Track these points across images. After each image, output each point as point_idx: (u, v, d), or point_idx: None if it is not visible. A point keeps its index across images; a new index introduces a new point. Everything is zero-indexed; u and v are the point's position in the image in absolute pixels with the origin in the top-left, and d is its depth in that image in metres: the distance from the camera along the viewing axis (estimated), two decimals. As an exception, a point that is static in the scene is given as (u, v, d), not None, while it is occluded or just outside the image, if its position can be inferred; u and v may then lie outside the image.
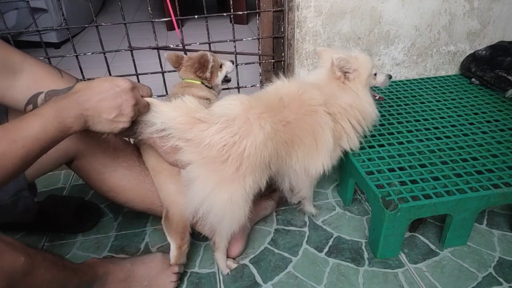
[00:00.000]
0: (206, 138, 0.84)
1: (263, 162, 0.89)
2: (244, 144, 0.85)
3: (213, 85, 1.27)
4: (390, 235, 1.06)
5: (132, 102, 0.77)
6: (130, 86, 0.77)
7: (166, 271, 1.02)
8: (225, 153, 0.84)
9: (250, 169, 0.87)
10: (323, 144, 1.02)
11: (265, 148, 0.88)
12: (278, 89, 1.03)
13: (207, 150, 0.85)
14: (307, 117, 0.99)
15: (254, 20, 3.46)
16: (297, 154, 1.00)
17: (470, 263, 1.08)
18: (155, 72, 1.57)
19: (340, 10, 1.54)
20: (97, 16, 3.91)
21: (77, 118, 0.71)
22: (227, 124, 0.85)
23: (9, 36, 1.38)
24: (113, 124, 0.76)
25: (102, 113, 0.74)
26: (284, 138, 0.95)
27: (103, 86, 0.75)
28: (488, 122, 1.36)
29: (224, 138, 0.84)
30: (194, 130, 0.84)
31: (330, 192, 1.39)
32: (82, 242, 1.21)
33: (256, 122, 0.87)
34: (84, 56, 1.54)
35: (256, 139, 0.86)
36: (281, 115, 0.95)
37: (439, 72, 1.80)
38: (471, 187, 1.04)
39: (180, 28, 1.49)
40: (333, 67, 1.06)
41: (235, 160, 0.85)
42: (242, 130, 0.86)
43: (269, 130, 0.88)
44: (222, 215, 0.91)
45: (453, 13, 1.65)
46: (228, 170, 0.85)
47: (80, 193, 1.41)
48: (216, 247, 1.04)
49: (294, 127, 0.96)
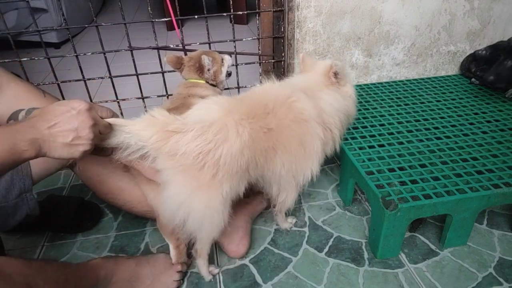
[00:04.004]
0: (182, 147, 0.82)
1: (240, 170, 0.87)
2: (220, 152, 0.83)
3: (217, 82, 1.28)
4: (390, 235, 1.05)
5: (89, 123, 0.73)
6: (86, 107, 0.73)
7: (169, 271, 1.03)
8: (201, 161, 0.82)
9: (227, 177, 0.85)
10: (311, 151, 1.00)
11: (242, 156, 0.86)
12: (265, 91, 1.00)
13: (183, 159, 0.82)
14: (295, 124, 0.96)
15: (254, 20, 3.46)
16: (282, 161, 0.96)
17: (470, 263, 1.08)
18: (155, 72, 1.57)
19: (340, 10, 1.54)
20: (97, 16, 3.91)
21: (31, 143, 0.68)
22: (202, 131, 0.83)
23: (9, 36, 1.38)
24: (72, 148, 0.72)
25: (57, 138, 0.71)
26: (264, 146, 0.91)
27: (58, 109, 0.72)
28: (488, 122, 1.36)
29: (199, 146, 0.82)
30: (169, 143, 0.82)
31: (330, 192, 1.39)
32: (82, 242, 1.21)
33: (234, 129, 0.85)
34: (84, 56, 1.54)
35: (232, 147, 0.84)
36: (262, 122, 0.91)
37: (439, 72, 1.80)
38: (471, 187, 1.04)
39: (180, 28, 1.49)
40: (330, 73, 1.05)
41: (211, 168, 0.83)
42: (217, 138, 0.83)
43: (246, 138, 0.86)
44: (201, 222, 0.89)
45: (453, 13, 1.65)
46: (204, 177, 0.84)
47: (80, 193, 1.41)
48: (199, 254, 1.02)
49: (276, 134, 0.93)
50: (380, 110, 1.47)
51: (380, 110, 1.47)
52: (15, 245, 1.20)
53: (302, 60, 1.14)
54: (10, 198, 0.96)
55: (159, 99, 1.67)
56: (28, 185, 0.99)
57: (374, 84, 1.70)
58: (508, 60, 1.48)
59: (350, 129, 1.34)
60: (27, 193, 0.99)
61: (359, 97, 1.59)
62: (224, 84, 1.35)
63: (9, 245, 1.19)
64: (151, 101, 1.64)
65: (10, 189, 0.96)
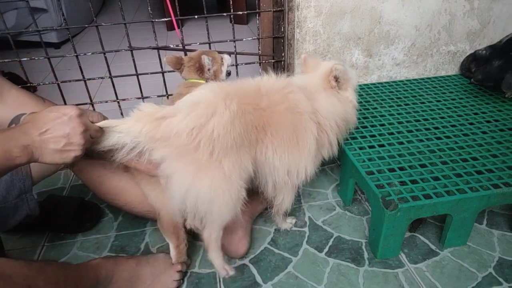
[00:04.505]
0: (173, 128, 0.82)
1: (235, 144, 0.85)
2: (211, 124, 0.82)
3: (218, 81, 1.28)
4: (390, 235, 1.06)
5: (80, 129, 0.74)
6: (77, 113, 0.75)
7: (169, 271, 1.03)
8: (196, 137, 0.81)
9: (224, 152, 0.84)
10: (305, 145, 0.98)
11: (234, 127, 0.84)
12: (262, 81, 0.99)
13: (177, 140, 0.82)
14: (289, 113, 0.95)
15: (254, 20, 3.46)
16: (274, 146, 0.94)
17: (470, 263, 1.08)
18: (155, 72, 1.57)
19: (340, 10, 1.54)
20: (97, 16, 3.91)
21: (23, 149, 0.70)
22: (191, 109, 0.83)
23: (9, 36, 1.38)
24: (63, 154, 0.74)
25: (49, 144, 0.72)
26: (254, 122, 0.90)
27: (49, 116, 0.73)
28: (488, 122, 1.36)
29: (191, 122, 0.82)
30: (161, 128, 0.82)
31: (330, 192, 1.39)
32: (82, 242, 1.21)
33: (222, 102, 0.85)
34: (84, 56, 1.54)
35: (223, 118, 0.83)
36: (252, 99, 0.91)
37: (439, 72, 1.81)
38: (471, 187, 1.04)
39: (180, 28, 1.49)
40: (330, 77, 1.04)
41: (207, 144, 0.82)
42: (207, 111, 0.83)
43: (234, 108, 0.85)
44: (210, 202, 0.88)
45: (453, 13, 1.65)
46: (202, 156, 0.83)
47: (80, 193, 1.41)
48: (207, 245, 0.98)
49: (267, 115, 0.92)
50: (380, 110, 1.47)
51: (380, 110, 1.47)
52: (15, 245, 1.20)
53: (304, 61, 1.12)
54: (10, 198, 0.96)
55: (159, 99, 1.67)
56: (28, 186, 0.99)
57: (374, 84, 1.70)
58: (496, 60, 1.49)
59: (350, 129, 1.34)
60: (27, 194, 0.99)
61: (359, 97, 1.58)
62: None
63: (9, 245, 1.19)
64: (151, 101, 1.63)
65: (10, 190, 0.96)
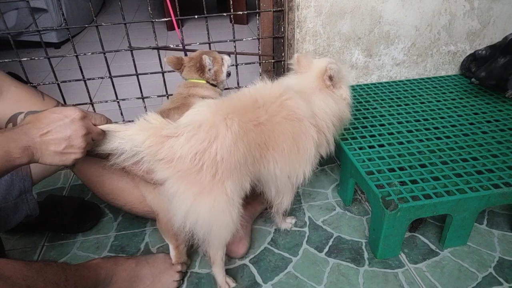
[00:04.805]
0: (177, 152, 0.81)
1: (238, 164, 0.86)
2: (215, 148, 0.82)
3: (218, 81, 1.28)
4: (390, 235, 1.06)
5: (82, 132, 0.73)
6: (79, 116, 0.74)
7: (169, 271, 1.03)
8: (198, 162, 0.81)
9: (227, 173, 0.84)
10: (305, 151, 0.99)
11: (237, 149, 0.85)
12: (256, 90, 0.99)
13: (180, 163, 0.82)
14: (288, 122, 0.94)
15: (254, 20, 3.46)
16: (275, 158, 0.95)
17: (470, 263, 1.08)
18: (155, 72, 1.57)
19: (340, 10, 1.54)
20: (97, 16, 3.91)
21: (24, 150, 0.69)
22: (194, 131, 0.83)
23: (9, 36, 1.38)
24: (63, 156, 0.73)
25: (49, 146, 0.71)
26: (256, 140, 0.90)
27: (51, 117, 0.72)
28: (488, 122, 1.36)
29: (194, 147, 0.81)
30: (164, 149, 0.82)
31: (330, 192, 1.39)
32: (82, 242, 1.21)
33: (222, 123, 0.84)
34: (84, 56, 1.54)
35: (225, 141, 0.83)
36: (251, 115, 0.90)
37: (439, 72, 1.81)
38: (471, 187, 1.04)
39: (180, 28, 1.49)
40: (324, 76, 1.04)
41: (210, 167, 0.82)
42: (209, 135, 0.83)
43: (236, 129, 0.85)
44: (209, 224, 0.88)
45: (453, 13, 1.65)
46: (205, 178, 0.83)
47: (80, 193, 1.41)
48: (212, 261, 1.00)
49: (268, 129, 0.92)
50: (380, 110, 1.47)
51: (380, 110, 1.47)
52: (15, 245, 1.20)
53: (297, 61, 1.11)
54: (10, 198, 0.96)
55: (159, 99, 1.67)
56: (27, 186, 0.99)
57: (374, 84, 1.70)
58: (501, 58, 1.48)
59: (350, 129, 1.34)
60: (27, 194, 0.99)
61: (359, 97, 1.59)
62: (224, 84, 1.35)
63: (9, 245, 1.20)
64: (151, 101, 1.64)
65: (10, 190, 0.96)
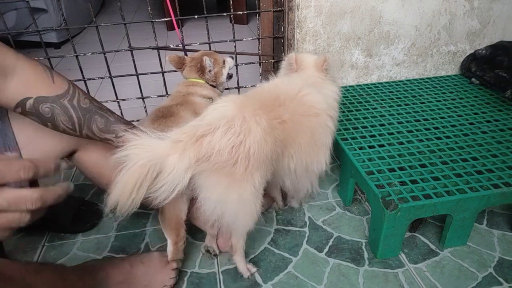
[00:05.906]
0: (215, 146, 0.83)
1: (266, 158, 0.89)
2: (249, 142, 0.85)
3: (218, 83, 1.28)
4: (390, 235, 1.06)
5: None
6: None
7: (164, 269, 1.02)
8: (235, 154, 0.84)
9: (256, 167, 0.87)
10: (322, 143, 1.03)
11: (266, 143, 0.88)
12: (276, 86, 1.03)
13: (219, 156, 0.83)
14: (305, 118, 0.98)
15: (254, 20, 3.46)
16: (291, 153, 0.99)
17: (470, 263, 1.08)
18: (155, 72, 1.57)
19: (340, 10, 1.54)
20: (97, 16, 3.91)
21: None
22: (229, 125, 0.85)
23: (9, 36, 1.38)
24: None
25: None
26: (280, 136, 0.94)
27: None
28: (488, 122, 1.36)
29: (231, 140, 0.83)
30: (203, 146, 0.82)
31: (330, 192, 1.39)
32: (82, 242, 1.21)
33: (252, 119, 0.87)
34: (84, 56, 1.54)
35: (256, 136, 0.86)
36: (275, 113, 0.94)
37: (439, 72, 1.81)
38: (471, 187, 1.04)
39: (180, 28, 1.49)
40: (324, 65, 1.11)
41: (243, 160, 0.84)
42: (243, 128, 0.85)
43: (265, 125, 0.88)
44: (235, 214, 0.91)
45: (453, 13, 1.65)
46: (238, 171, 0.85)
47: (80, 193, 1.41)
48: (234, 250, 1.04)
49: (289, 128, 0.96)
50: (380, 110, 1.47)
51: (380, 110, 1.47)
52: (15, 245, 1.20)
53: (295, 60, 1.14)
54: None
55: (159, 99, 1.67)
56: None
57: (374, 84, 1.70)
58: None
59: (350, 129, 1.34)
60: None
61: (359, 97, 1.59)
62: (224, 85, 1.35)
63: (9, 245, 1.19)
64: (151, 101, 1.64)
65: None
